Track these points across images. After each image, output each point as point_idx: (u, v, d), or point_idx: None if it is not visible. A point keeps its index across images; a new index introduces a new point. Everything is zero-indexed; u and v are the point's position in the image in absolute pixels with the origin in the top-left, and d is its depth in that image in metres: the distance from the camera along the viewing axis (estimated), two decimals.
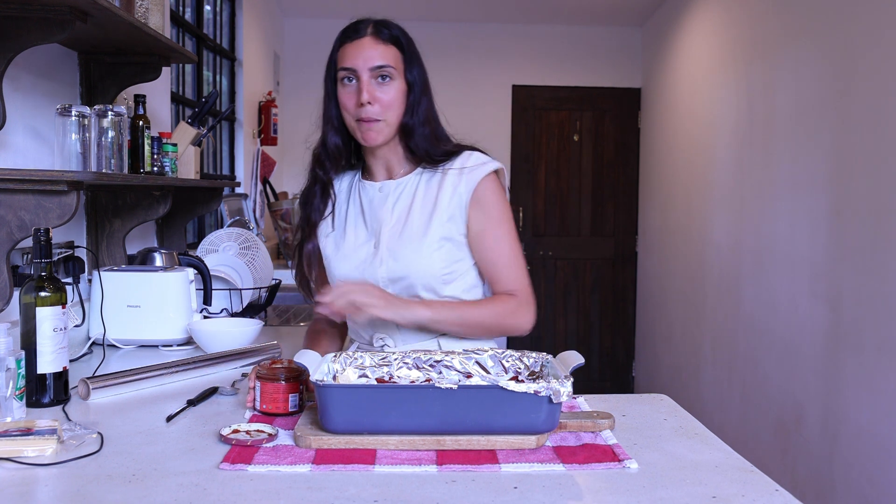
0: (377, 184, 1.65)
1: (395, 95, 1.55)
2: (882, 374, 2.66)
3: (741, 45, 3.99)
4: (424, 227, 1.57)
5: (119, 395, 1.60)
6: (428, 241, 1.57)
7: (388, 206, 1.62)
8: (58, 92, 2.08)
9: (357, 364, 1.42)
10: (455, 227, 1.58)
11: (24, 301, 1.49)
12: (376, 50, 1.55)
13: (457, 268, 1.60)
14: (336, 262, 1.63)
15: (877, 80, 2.74)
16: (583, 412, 1.38)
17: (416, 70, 1.59)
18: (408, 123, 1.58)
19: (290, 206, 4.31)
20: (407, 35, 1.60)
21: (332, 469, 1.15)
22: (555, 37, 5.88)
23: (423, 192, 1.61)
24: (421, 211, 1.59)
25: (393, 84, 1.55)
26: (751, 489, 1.11)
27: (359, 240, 1.63)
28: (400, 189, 1.63)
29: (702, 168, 4.54)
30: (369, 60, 1.54)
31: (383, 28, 1.57)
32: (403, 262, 1.56)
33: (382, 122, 1.56)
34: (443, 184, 1.59)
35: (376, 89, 1.54)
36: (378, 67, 1.54)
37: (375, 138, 1.57)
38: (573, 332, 6.01)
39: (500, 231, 1.59)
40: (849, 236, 2.88)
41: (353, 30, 1.58)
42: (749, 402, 3.75)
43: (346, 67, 1.56)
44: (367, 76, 1.54)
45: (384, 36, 1.56)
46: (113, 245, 2.32)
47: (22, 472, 1.16)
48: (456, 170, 1.59)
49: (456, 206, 1.58)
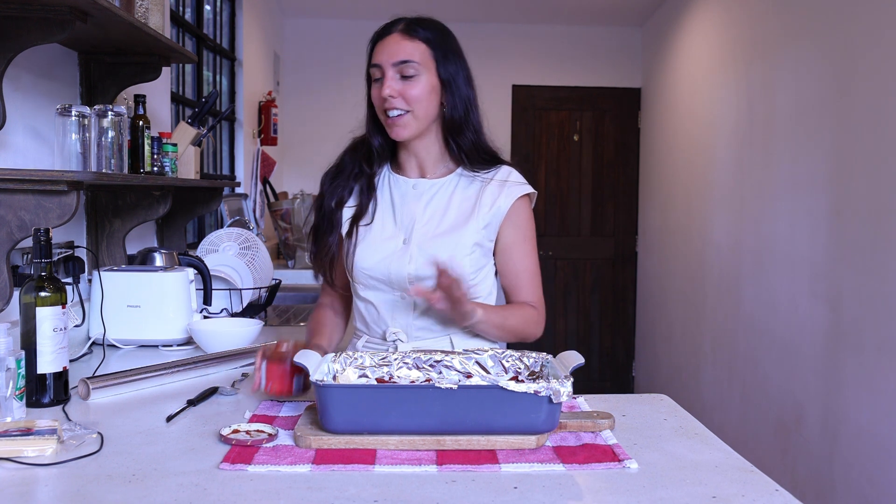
0: (411, 180, 1.66)
1: (423, 90, 1.56)
2: (882, 374, 2.66)
3: (741, 45, 3.99)
4: (460, 229, 1.60)
5: (119, 395, 1.60)
6: (462, 244, 1.59)
7: (421, 203, 1.63)
8: (58, 92, 2.08)
9: (357, 364, 1.42)
10: (487, 236, 1.62)
11: (24, 301, 1.49)
12: (401, 45, 1.56)
13: (480, 274, 1.63)
14: (361, 252, 1.63)
15: (877, 80, 2.74)
16: (583, 412, 1.38)
17: (453, 68, 1.59)
18: (449, 121, 1.60)
19: (290, 206, 4.31)
20: (444, 34, 1.61)
21: (332, 469, 1.15)
22: (555, 37, 5.88)
23: (461, 197, 1.63)
24: (458, 214, 1.61)
25: (419, 79, 1.56)
26: (751, 489, 1.11)
27: (385, 233, 1.63)
28: (435, 189, 1.64)
29: (702, 168, 4.54)
30: (393, 55, 1.55)
31: (415, 25, 1.58)
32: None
33: (409, 115, 1.57)
34: (483, 192, 1.62)
35: (401, 84, 1.56)
36: (402, 62, 1.55)
37: (400, 132, 1.58)
38: (573, 332, 6.01)
39: (528, 247, 1.65)
40: (849, 236, 2.88)
41: (383, 28, 1.60)
42: (749, 402, 3.75)
43: (374, 64, 1.58)
44: (392, 71, 1.55)
45: (413, 33, 1.57)
46: (113, 245, 2.32)
47: (22, 472, 1.16)
48: (497, 182, 1.63)
49: (493, 216, 1.61)
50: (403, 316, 1.62)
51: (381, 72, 1.57)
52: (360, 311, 1.69)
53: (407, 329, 1.62)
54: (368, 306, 1.66)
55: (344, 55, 5.60)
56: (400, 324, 1.62)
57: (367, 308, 1.66)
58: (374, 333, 1.67)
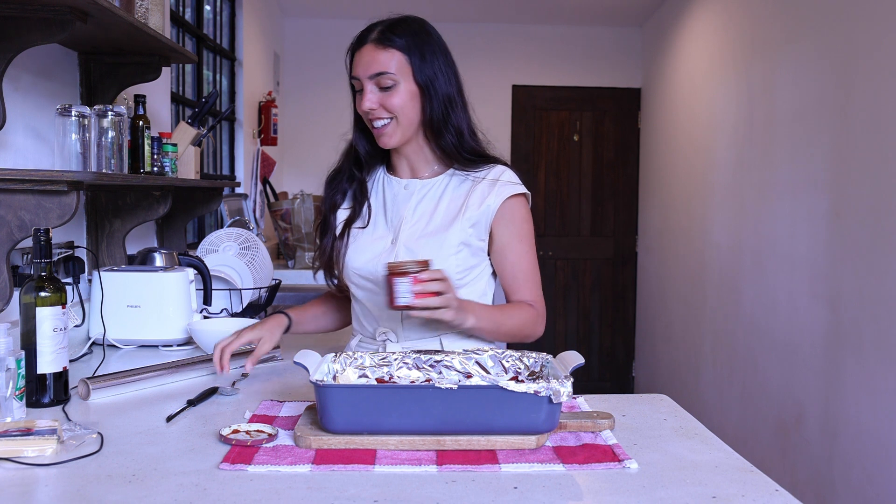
0: (403, 181, 1.67)
1: (403, 99, 1.56)
2: (882, 374, 2.66)
3: (741, 45, 3.99)
4: (446, 229, 1.60)
5: (119, 395, 1.60)
6: (447, 244, 1.58)
7: (411, 204, 1.64)
8: (58, 92, 2.08)
9: (357, 364, 1.42)
10: (476, 235, 1.61)
11: (24, 301, 1.49)
12: (375, 57, 1.55)
13: (470, 274, 1.63)
14: (352, 253, 1.65)
15: (877, 80, 2.74)
16: (583, 412, 1.38)
17: (430, 71, 1.57)
18: (429, 123, 1.59)
19: (289, 206, 4.31)
20: (420, 34, 1.58)
21: (332, 469, 1.15)
22: (555, 37, 5.88)
23: (451, 196, 1.63)
24: (445, 213, 1.61)
25: (397, 89, 1.56)
26: (751, 489, 1.11)
27: (376, 233, 1.65)
28: (426, 189, 1.65)
29: (702, 168, 4.54)
30: (368, 68, 1.56)
31: (388, 33, 1.56)
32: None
33: (392, 124, 1.58)
34: (472, 191, 1.61)
35: (379, 95, 1.56)
36: (377, 75, 1.55)
37: (387, 142, 1.60)
38: (573, 332, 6.01)
39: (524, 246, 1.64)
40: (849, 236, 2.88)
41: (358, 37, 1.60)
42: (749, 402, 3.75)
43: (353, 76, 1.60)
44: (370, 84, 1.56)
45: (387, 42, 1.56)
46: (113, 245, 2.32)
47: (22, 472, 1.16)
48: (488, 180, 1.62)
49: (482, 215, 1.60)
50: (392, 315, 1.63)
51: (360, 84, 1.58)
52: (356, 311, 1.72)
53: (396, 328, 1.63)
54: (361, 306, 1.69)
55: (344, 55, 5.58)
56: (388, 323, 1.64)
57: (361, 308, 1.69)
58: (366, 332, 1.70)
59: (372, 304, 1.65)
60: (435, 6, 5.37)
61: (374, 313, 1.65)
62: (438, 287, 1.41)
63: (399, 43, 1.56)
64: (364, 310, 1.68)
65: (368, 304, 1.66)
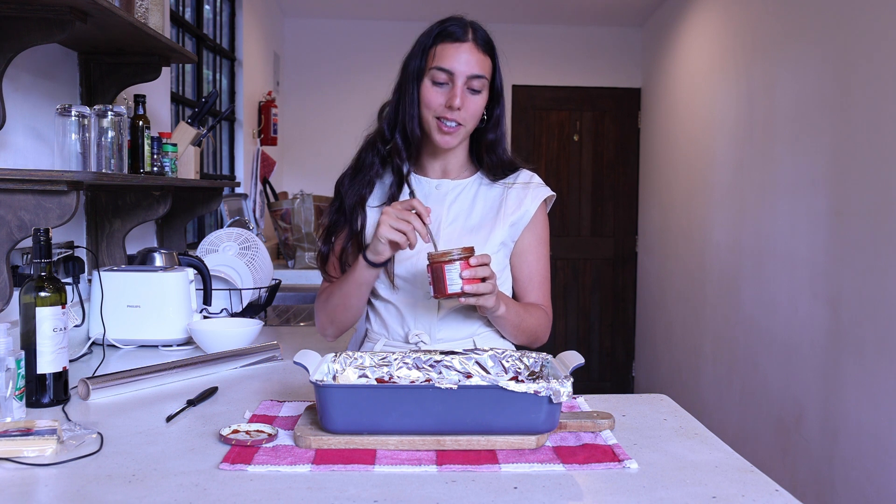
0: (434, 181, 1.66)
1: (481, 106, 1.58)
2: (882, 374, 2.66)
3: (741, 45, 3.99)
4: (489, 228, 1.61)
5: (119, 395, 1.60)
6: (492, 242, 1.61)
7: (445, 203, 1.64)
8: (58, 92, 2.08)
9: (357, 364, 1.42)
10: (511, 235, 1.64)
11: (24, 301, 1.49)
12: (477, 59, 1.55)
13: (503, 274, 1.66)
14: None
15: (877, 80, 2.74)
16: (583, 412, 1.38)
17: (501, 83, 1.61)
18: (490, 136, 1.62)
19: (289, 206, 4.31)
20: (496, 47, 1.62)
21: (332, 469, 1.15)
22: (555, 37, 5.88)
23: (484, 197, 1.65)
24: (483, 214, 1.63)
25: (482, 96, 1.57)
26: (751, 489, 1.11)
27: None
28: (458, 189, 1.66)
29: (702, 168, 4.54)
30: (470, 67, 1.54)
31: (485, 37, 1.58)
32: None
33: (463, 129, 1.58)
34: (508, 193, 1.64)
35: (468, 97, 1.55)
36: (475, 77, 1.55)
37: (451, 141, 1.58)
38: (573, 332, 6.01)
39: (543, 251, 1.68)
40: (849, 236, 2.88)
41: (456, 30, 1.56)
42: (749, 402, 3.75)
43: (444, 68, 1.54)
44: (463, 82, 1.54)
45: (486, 47, 1.57)
46: (113, 245, 2.32)
47: (22, 472, 1.16)
48: (520, 185, 1.65)
49: (519, 217, 1.63)
50: (426, 316, 1.61)
51: (451, 79, 1.54)
52: (380, 313, 1.66)
53: (430, 330, 1.61)
54: (389, 307, 1.64)
55: (344, 55, 5.60)
56: (423, 325, 1.62)
57: (388, 309, 1.64)
58: (394, 335, 1.65)
59: (407, 304, 1.61)
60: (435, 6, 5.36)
61: (406, 315, 1.62)
62: (486, 272, 1.42)
63: (493, 52, 1.59)
64: (394, 312, 1.63)
65: (402, 304, 1.62)
